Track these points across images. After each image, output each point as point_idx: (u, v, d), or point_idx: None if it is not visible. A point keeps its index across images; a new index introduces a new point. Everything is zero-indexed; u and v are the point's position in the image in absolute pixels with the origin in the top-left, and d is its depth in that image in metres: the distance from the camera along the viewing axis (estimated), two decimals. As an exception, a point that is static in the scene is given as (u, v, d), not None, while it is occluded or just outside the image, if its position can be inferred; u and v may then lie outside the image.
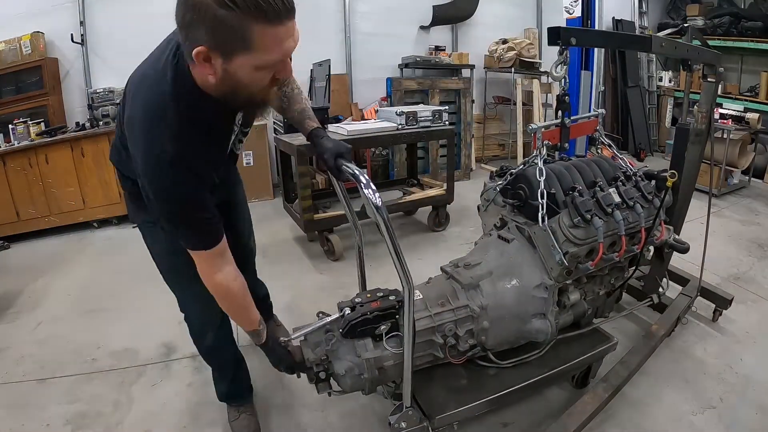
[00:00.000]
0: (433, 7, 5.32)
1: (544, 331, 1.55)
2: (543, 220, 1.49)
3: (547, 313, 1.56)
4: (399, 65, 5.20)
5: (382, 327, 1.39)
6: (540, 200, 1.49)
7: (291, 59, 0.98)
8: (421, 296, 1.54)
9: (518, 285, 1.54)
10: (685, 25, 5.38)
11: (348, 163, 1.28)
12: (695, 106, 2.03)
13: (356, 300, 1.43)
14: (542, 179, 1.49)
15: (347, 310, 1.40)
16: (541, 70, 5.42)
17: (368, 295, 1.44)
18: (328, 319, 1.42)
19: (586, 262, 1.52)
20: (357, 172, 1.18)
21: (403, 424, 1.37)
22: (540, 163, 1.50)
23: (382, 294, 1.44)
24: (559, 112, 1.54)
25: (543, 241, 1.52)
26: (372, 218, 1.12)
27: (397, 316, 1.37)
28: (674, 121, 5.54)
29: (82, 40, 4.01)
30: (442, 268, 1.69)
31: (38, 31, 3.83)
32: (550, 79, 5.27)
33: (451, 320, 1.49)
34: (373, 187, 1.12)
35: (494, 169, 1.91)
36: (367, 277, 1.72)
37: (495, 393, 1.51)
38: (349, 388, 1.41)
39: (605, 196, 1.53)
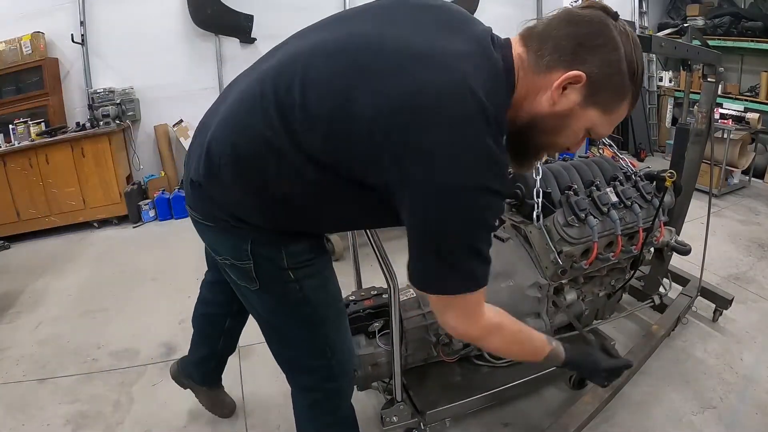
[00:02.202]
0: (433, 7, 5.32)
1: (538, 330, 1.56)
2: (538, 219, 1.50)
3: (541, 312, 1.56)
4: (399, 65, 5.19)
5: (375, 324, 1.40)
6: (535, 199, 1.49)
7: None
8: (415, 295, 1.55)
9: (512, 284, 1.55)
10: (685, 25, 5.37)
11: None
12: (695, 106, 2.02)
13: (350, 298, 1.45)
14: (538, 178, 1.49)
15: None
16: (542, 70, 5.41)
17: (362, 293, 1.46)
18: None
19: (581, 262, 1.52)
20: None
21: (394, 418, 1.38)
22: (537, 163, 1.50)
23: (375, 292, 1.46)
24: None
25: (538, 240, 1.53)
26: None
27: (389, 315, 1.38)
28: (674, 121, 5.54)
29: (82, 40, 4.01)
30: None
31: (38, 31, 3.83)
32: (550, 79, 5.26)
33: None
34: None
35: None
36: (367, 275, 1.73)
37: (487, 390, 1.52)
38: None
39: (602, 196, 1.53)
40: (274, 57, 0.90)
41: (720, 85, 2.06)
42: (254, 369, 2.04)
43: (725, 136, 4.03)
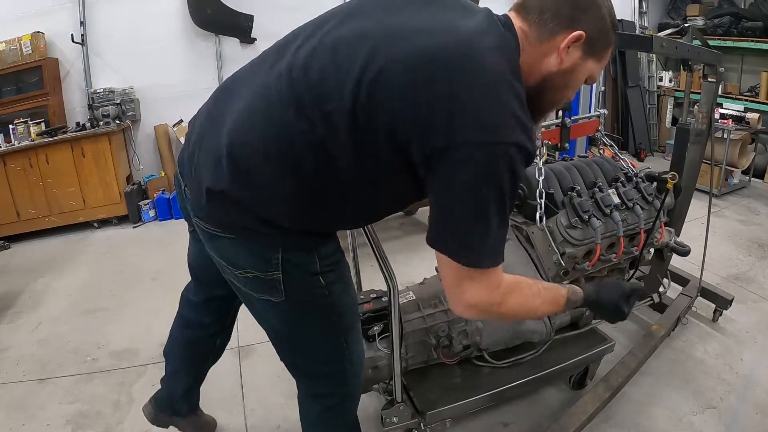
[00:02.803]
0: (434, 7, 5.31)
1: (538, 331, 1.56)
2: (541, 220, 1.49)
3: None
4: (399, 65, 5.19)
5: (375, 328, 1.40)
6: (538, 200, 1.49)
7: None
8: (414, 297, 1.54)
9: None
10: (686, 25, 5.37)
11: None
12: (695, 106, 2.02)
13: None
14: (541, 179, 1.49)
15: None
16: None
17: (361, 297, 1.46)
18: None
19: (583, 263, 1.52)
20: None
21: (394, 418, 1.38)
22: (539, 163, 1.50)
23: (375, 295, 1.45)
24: (560, 112, 1.54)
25: (540, 241, 1.52)
26: None
27: (389, 317, 1.38)
28: (674, 121, 5.54)
29: (82, 40, 4.01)
30: (437, 269, 1.69)
31: (38, 31, 3.82)
32: (551, 79, 5.26)
33: (444, 321, 1.50)
34: None
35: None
36: (368, 276, 1.72)
37: (487, 391, 1.51)
38: None
39: (604, 197, 1.53)
40: (291, 51, 0.90)
41: (720, 85, 2.06)
42: (254, 369, 2.04)
43: (725, 136, 4.03)
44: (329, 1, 4.63)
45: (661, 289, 2.18)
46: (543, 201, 1.49)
